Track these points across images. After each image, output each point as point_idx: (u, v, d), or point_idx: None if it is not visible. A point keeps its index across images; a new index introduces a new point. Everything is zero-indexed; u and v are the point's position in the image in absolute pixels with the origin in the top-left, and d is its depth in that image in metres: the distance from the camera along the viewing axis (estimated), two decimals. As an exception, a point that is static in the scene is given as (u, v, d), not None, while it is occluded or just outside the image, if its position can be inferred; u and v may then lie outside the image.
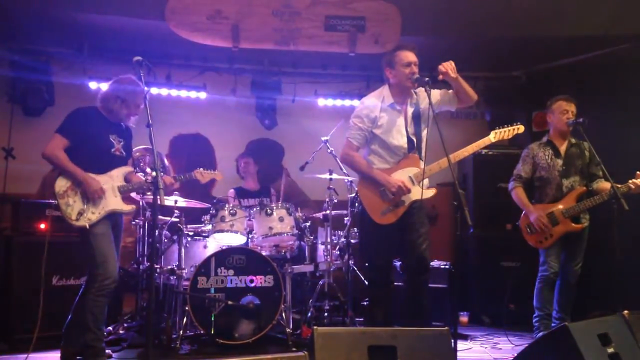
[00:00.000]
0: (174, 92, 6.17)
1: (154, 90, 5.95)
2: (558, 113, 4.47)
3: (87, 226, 3.66)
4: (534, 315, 4.51)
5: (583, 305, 4.72)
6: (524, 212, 4.53)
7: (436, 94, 3.94)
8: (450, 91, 3.94)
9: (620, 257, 3.86)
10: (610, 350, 3.05)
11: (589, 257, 4.83)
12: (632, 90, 5.07)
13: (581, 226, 4.40)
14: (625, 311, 3.38)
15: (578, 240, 4.46)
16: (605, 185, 4.35)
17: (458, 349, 3.29)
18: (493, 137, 3.97)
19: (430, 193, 3.86)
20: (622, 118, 5.15)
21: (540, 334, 4.38)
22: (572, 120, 4.39)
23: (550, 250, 4.44)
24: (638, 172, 4.20)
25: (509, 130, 3.98)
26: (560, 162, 4.49)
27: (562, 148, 4.52)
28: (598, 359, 2.96)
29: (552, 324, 4.45)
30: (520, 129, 4.01)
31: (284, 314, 4.49)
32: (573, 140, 4.56)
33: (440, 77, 3.74)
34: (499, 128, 3.99)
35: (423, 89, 3.82)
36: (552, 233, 4.40)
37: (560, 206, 4.41)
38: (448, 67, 3.73)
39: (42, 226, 4.57)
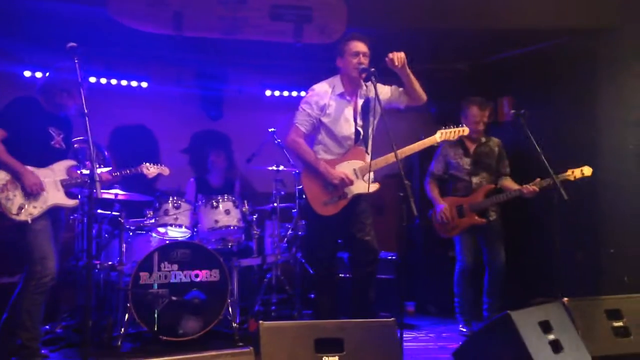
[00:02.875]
0: (114, 81, 5.96)
1: (92, 79, 5.73)
2: (472, 122, 4.74)
3: (29, 221, 3.51)
4: (455, 300, 4.88)
5: (524, 293, 4.86)
6: (434, 205, 4.87)
7: (386, 89, 3.96)
8: (401, 89, 3.96)
9: (559, 244, 3.98)
10: (551, 337, 3.15)
11: (529, 245, 5.00)
12: (572, 81, 5.22)
13: (484, 220, 4.72)
14: (565, 298, 3.49)
15: (491, 234, 4.78)
16: (509, 183, 4.77)
17: (404, 338, 3.31)
18: (439, 137, 4.17)
19: (373, 188, 3.88)
20: (562, 109, 5.30)
21: (461, 320, 4.83)
22: (512, 112, 4.53)
23: (462, 240, 4.79)
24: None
25: (455, 132, 4.22)
26: (468, 160, 4.85)
27: (472, 148, 4.85)
28: (539, 345, 3.04)
29: (484, 313, 4.80)
30: (465, 131, 4.29)
31: (230, 309, 4.42)
32: (483, 140, 4.88)
33: (389, 63, 3.73)
34: (445, 128, 4.22)
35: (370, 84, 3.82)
36: (457, 224, 4.76)
37: (469, 201, 4.76)
38: (395, 56, 3.73)
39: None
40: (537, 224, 4.93)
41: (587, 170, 4.37)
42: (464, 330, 4.77)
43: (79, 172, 3.83)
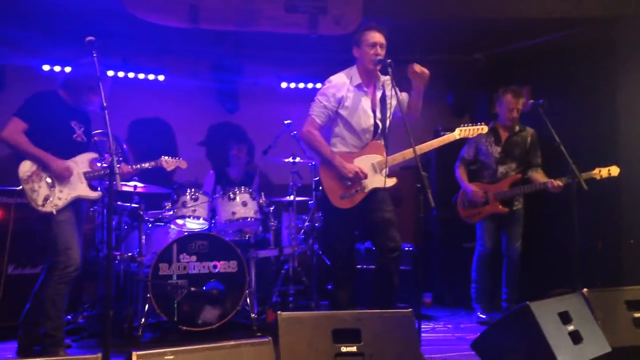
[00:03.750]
0: (131, 75, 6.00)
1: (110, 73, 5.77)
2: (506, 110, 4.75)
3: (55, 212, 3.56)
4: (472, 286, 4.94)
5: (544, 284, 4.84)
6: (462, 189, 4.90)
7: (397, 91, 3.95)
8: (406, 96, 3.94)
9: (579, 235, 3.95)
10: (570, 328, 3.13)
11: (548, 236, 4.95)
12: (591, 71, 5.16)
13: (507, 209, 4.73)
14: (585, 289, 3.46)
15: (513, 223, 4.81)
16: (538, 175, 4.74)
17: (422, 329, 3.32)
18: (458, 134, 4.15)
19: (390, 182, 3.88)
20: (581, 99, 5.24)
21: (477, 307, 4.89)
22: (531, 103, 4.50)
23: (483, 226, 4.84)
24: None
25: (474, 129, 4.19)
26: (498, 149, 4.82)
27: (505, 136, 4.82)
28: (558, 336, 3.02)
29: (503, 304, 4.84)
30: (484, 129, 4.26)
31: (248, 300, 4.45)
32: (517, 129, 4.83)
33: (411, 72, 3.76)
34: (464, 126, 4.20)
35: (387, 76, 3.81)
36: (481, 211, 4.80)
37: (494, 189, 4.77)
38: (421, 70, 3.75)
39: (-4, 214, 4.40)
40: (557, 215, 4.89)
41: (614, 171, 4.34)
42: (483, 317, 4.77)
43: (99, 164, 3.87)
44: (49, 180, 3.61)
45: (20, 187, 3.56)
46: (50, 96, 3.77)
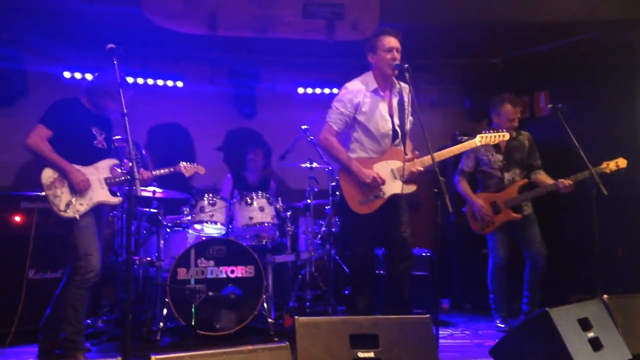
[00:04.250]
0: (150, 81, 6.07)
1: (129, 79, 5.84)
2: (506, 120, 4.69)
3: (78, 217, 3.61)
4: (490, 297, 4.86)
5: (563, 290, 4.79)
6: (468, 203, 4.82)
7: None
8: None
9: (599, 240, 3.90)
10: (591, 334, 3.10)
11: (568, 241, 4.89)
12: (611, 75, 5.11)
13: (520, 215, 4.66)
14: (605, 295, 3.42)
15: (526, 227, 4.72)
16: (544, 177, 4.71)
17: (440, 335, 3.30)
18: (479, 140, 4.09)
19: (409, 189, 3.86)
20: (600, 103, 5.19)
21: (497, 316, 4.81)
22: (550, 107, 4.46)
23: (496, 237, 4.74)
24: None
25: (495, 136, 4.15)
26: (500, 157, 4.77)
27: (503, 143, 4.73)
28: (578, 343, 2.99)
29: (524, 307, 4.75)
30: (506, 136, 4.23)
31: (265, 305, 4.46)
32: (513, 134, 4.76)
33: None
34: (486, 132, 4.15)
35: (404, 83, 3.81)
36: (494, 221, 4.70)
37: (503, 196, 4.69)
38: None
39: (17, 219, 4.46)
40: (576, 220, 4.84)
41: (622, 162, 4.30)
42: (502, 326, 4.72)
43: (119, 170, 3.92)
44: (71, 186, 3.66)
45: (44, 193, 3.62)
46: (72, 103, 3.83)
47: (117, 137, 4.09)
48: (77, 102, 3.85)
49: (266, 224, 4.67)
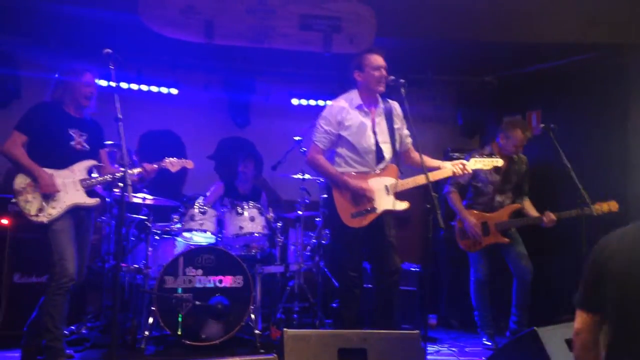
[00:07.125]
0: (144, 87, 6.05)
1: (124, 85, 5.83)
2: (512, 145, 4.66)
3: (46, 221, 3.56)
4: (475, 313, 4.86)
5: (552, 310, 4.79)
6: (458, 218, 4.78)
7: (404, 127, 4.01)
8: (410, 145, 4.01)
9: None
10: (578, 354, 3.08)
11: (556, 261, 4.90)
12: (603, 97, 5.16)
13: (508, 240, 4.68)
14: (593, 316, 3.41)
15: (512, 246, 4.72)
16: (529, 206, 4.76)
17: (427, 351, 3.29)
18: (472, 165, 4.10)
19: (402, 206, 3.89)
20: (593, 124, 5.23)
21: (483, 333, 4.79)
22: (541, 127, 4.50)
23: (479, 255, 4.73)
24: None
25: (489, 162, 4.15)
26: (498, 178, 4.74)
27: (504, 166, 4.65)
28: (566, 363, 2.98)
29: (512, 326, 4.75)
30: (500, 162, 4.23)
31: (252, 315, 4.43)
32: (515, 158, 4.77)
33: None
34: (479, 157, 4.22)
35: (394, 101, 3.85)
36: (482, 241, 4.68)
37: (495, 218, 4.69)
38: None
39: (4, 222, 4.41)
40: (565, 239, 4.86)
41: (614, 206, 4.31)
42: (489, 343, 4.71)
43: (94, 174, 3.87)
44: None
45: (13, 200, 3.59)
46: (49, 106, 3.80)
47: (109, 142, 4.06)
48: (54, 105, 3.81)
49: (256, 234, 4.65)
